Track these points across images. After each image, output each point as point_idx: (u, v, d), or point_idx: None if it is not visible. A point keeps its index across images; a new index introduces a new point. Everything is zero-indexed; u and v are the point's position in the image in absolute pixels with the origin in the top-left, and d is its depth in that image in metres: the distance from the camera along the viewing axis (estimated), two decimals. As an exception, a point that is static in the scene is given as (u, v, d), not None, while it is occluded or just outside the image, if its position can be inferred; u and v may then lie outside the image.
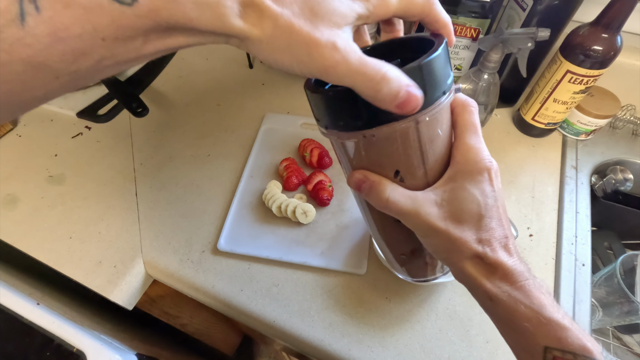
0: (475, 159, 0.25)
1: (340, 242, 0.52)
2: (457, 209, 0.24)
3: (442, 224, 0.24)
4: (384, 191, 0.25)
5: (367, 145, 0.24)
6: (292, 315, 0.47)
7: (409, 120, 0.22)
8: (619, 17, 0.48)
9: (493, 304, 0.24)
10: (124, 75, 0.75)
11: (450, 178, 0.25)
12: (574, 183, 0.60)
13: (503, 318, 0.25)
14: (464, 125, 0.26)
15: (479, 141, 0.26)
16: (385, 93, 0.19)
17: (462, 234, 0.24)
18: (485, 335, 0.45)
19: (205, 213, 0.56)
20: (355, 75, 0.19)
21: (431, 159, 0.25)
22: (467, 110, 0.26)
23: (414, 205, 0.25)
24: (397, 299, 0.48)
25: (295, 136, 0.64)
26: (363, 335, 0.45)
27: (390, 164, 0.25)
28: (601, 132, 0.67)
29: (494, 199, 0.25)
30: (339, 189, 0.58)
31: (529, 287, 0.24)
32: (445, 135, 0.25)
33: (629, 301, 0.51)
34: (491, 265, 0.24)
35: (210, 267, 0.51)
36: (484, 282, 0.24)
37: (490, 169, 0.25)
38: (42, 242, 0.54)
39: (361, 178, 0.25)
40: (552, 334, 0.22)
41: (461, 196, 0.24)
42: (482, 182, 0.25)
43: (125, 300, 0.51)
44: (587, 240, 0.54)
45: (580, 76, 0.53)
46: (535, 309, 0.23)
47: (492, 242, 0.24)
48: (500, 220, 0.25)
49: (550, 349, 0.22)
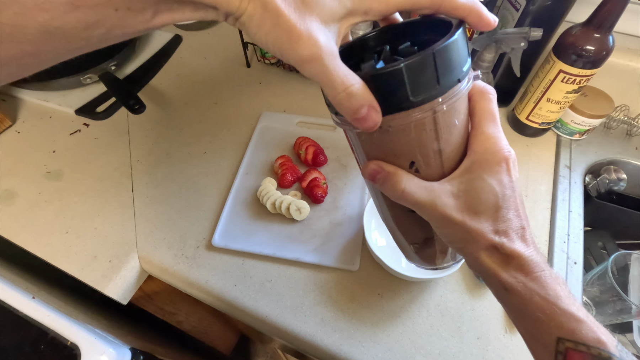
0: (494, 148, 0.24)
1: (333, 238, 0.53)
2: (474, 200, 0.24)
3: (459, 215, 0.24)
4: (400, 182, 0.24)
5: (382, 135, 0.23)
6: (284, 311, 0.47)
7: (427, 110, 0.22)
8: (611, 18, 0.49)
9: (508, 293, 0.24)
10: (123, 74, 0.76)
11: (467, 168, 0.25)
12: (567, 182, 0.60)
13: (517, 308, 0.24)
14: (482, 114, 0.25)
15: (498, 130, 0.25)
16: (346, 106, 0.20)
17: (479, 225, 0.24)
18: (476, 331, 0.45)
19: (200, 209, 0.57)
20: (324, 78, 0.20)
21: (447, 148, 0.24)
22: (485, 98, 0.25)
23: (430, 196, 0.24)
24: (389, 295, 0.48)
25: (291, 134, 0.65)
26: (354, 330, 0.46)
27: (405, 155, 0.24)
28: (595, 132, 0.67)
29: (512, 189, 0.24)
30: (333, 186, 0.58)
31: (545, 277, 0.23)
32: (462, 124, 0.25)
33: (621, 299, 0.51)
34: (507, 256, 0.24)
35: (205, 263, 0.51)
36: (499, 272, 0.24)
37: (508, 159, 0.24)
38: (39, 237, 0.54)
39: (376, 169, 0.25)
40: (566, 326, 0.22)
41: (478, 187, 0.24)
42: (500, 172, 0.24)
43: (119, 295, 0.51)
44: (580, 239, 0.54)
45: (573, 76, 0.54)
46: (551, 300, 0.23)
47: (509, 233, 0.24)
48: (517, 211, 0.25)
49: (563, 339, 0.22)
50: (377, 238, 0.52)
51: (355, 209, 0.55)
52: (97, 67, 0.71)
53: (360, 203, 0.56)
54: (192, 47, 0.84)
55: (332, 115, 0.25)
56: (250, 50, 0.81)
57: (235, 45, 0.80)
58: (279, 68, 0.79)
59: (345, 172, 0.60)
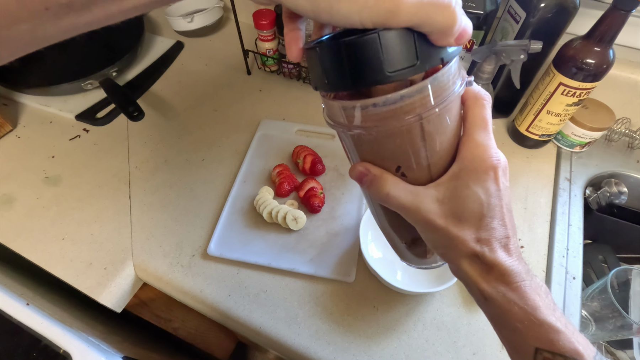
0: (482, 156, 0.24)
1: (329, 249, 0.52)
2: (459, 208, 0.24)
3: (442, 221, 0.24)
4: (384, 186, 0.24)
5: (371, 138, 0.23)
6: (278, 322, 0.47)
7: (414, 115, 0.21)
8: (611, 31, 0.48)
9: (487, 303, 0.24)
10: (124, 79, 0.76)
11: (454, 175, 0.24)
12: (567, 195, 0.59)
13: (497, 318, 0.25)
14: (474, 120, 0.25)
15: (488, 138, 0.25)
16: (458, 24, 0.19)
17: (461, 232, 0.24)
18: (472, 347, 0.45)
19: (197, 217, 0.57)
20: (428, 6, 0.18)
21: (436, 154, 0.24)
22: (479, 104, 0.25)
23: (415, 201, 0.24)
24: (385, 308, 0.48)
25: (289, 143, 0.65)
26: (349, 343, 0.45)
27: (393, 158, 0.24)
28: (596, 145, 0.67)
29: (498, 198, 0.24)
30: (330, 196, 0.58)
31: (525, 288, 0.23)
32: (453, 129, 0.24)
33: (622, 316, 0.50)
34: (488, 265, 0.24)
35: (200, 272, 0.51)
36: (479, 282, 0.24)
37: (497, 167, 0.24)
38: (35, 243, 0.54)
39: (363, 171, 0.25)
40: (544, 336, 0.22)
41: (464, 194, 0.24)
42: (487, 180, 0.24)
43: (114, 303, 0.51)
44: (579, 253, 0.53)
45: (573, 89, 0.54)
46: (529, 310, 0.23)
47: (491, 242, 0.24)
48: (503, 220, 0.25)
49: (541, 350, 0.22)
50: (373, 250, 0.51)
51: (353, 220, 0.55)
52: (99, 72, 0.71)
53: (358, 213, 0.56)
54: (194, 53, 0.85)
55: (326, 119, 0.25)
56: (251, 57, 0.81)
57: (236, 53, 0.80)
58: (280, 76, 0.79)
59: (343, 181, 0.60)
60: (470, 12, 0.56)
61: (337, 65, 0.21)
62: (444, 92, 0.22)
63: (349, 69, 0.21)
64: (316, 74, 0.23)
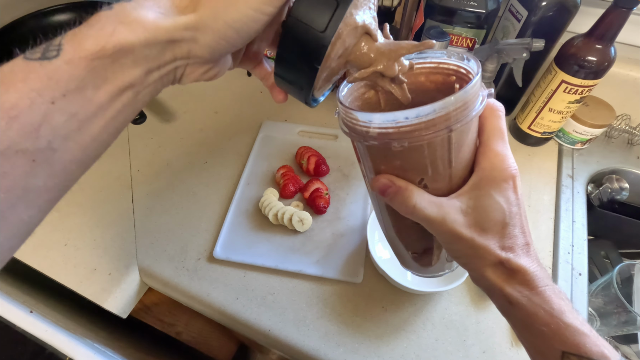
0: (502, 166, 0.24)
1: (336, 250, 0.52)
2: (482, 217, 0.24)
3: (467, 231, 0.24)
4: (411, 197, 0.24)
5: (394, 151, 0.23)
6: (287, 325, 0.46)
7: (442, 129, 0.22)
8: (613, 29, 0.49)
9: (512, 307, 0.24)
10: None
11: (475, 185, 0.25)
12: (570, 192, 0.60)
13: (522, 322, 0.25)
14: (492, 131, 0.25)
15: (506, 148, 0.25)
16: None
17: (486, 241, 0.24)
18: (482, 345, 0.45)
19: (201, 220, 0.56)
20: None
21: (458, 165, 0.25)
22: (495, 115, 0.26)
23: (440, 212, 0.24)
24: (393, 308, 0.48)
25: (292, 144, 0.64)
26: (359, 344, 0.45)
27: (416, 170, 0.24)
28: (597, 141, 0.67)
29: (518, 206, 0.25)
30: (335, 196, 0.58)
31: (549, 292, 0.24)
32: (473, 140, 0.25)
33: (626, 311, 0.51)
34: (512, 270, 0.24)
35: (206, 275, 0.51)
36: (504, 287, 0.24)
37: (515, 177, 0.25)
38: (37, 249, 0.53)
39: (387, 183, 0.25)
40: (571, 339, 0.23)
41: (486, 204, 0.24)
42: (507, 189, 0.24)
43: (119, 309, 0.51)
44: (584, 249, 0.54)
45: (575, 86, 0.54)
46: (555, 314, 0.23)
47: (515, 249, 0.24)
48: (523, 228, 0.25)
49: (568, 354, 0.22)
50: (380, 251, 0.51)
51: (358, 220, 0.55)
52: (97, 76, 0.70)
53: (363, 213, 0.56)
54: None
55: (343, 128, 0.25)
56: (251, 58, 0.80)
57: (235, 54, 0.79)
58: (280, 77, 0.78)
59: (347, 182, 0.60)
60: (471, 10, 0.56)
61: (292, 67, 0.23)
62: (473, 103, 0.22)
63: (300, 60, 0.22)
64: (293, 90, 0.25)
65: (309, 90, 0.25)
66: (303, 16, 0.21)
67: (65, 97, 0.18)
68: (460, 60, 0.26)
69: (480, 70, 0.23)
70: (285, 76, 0.25)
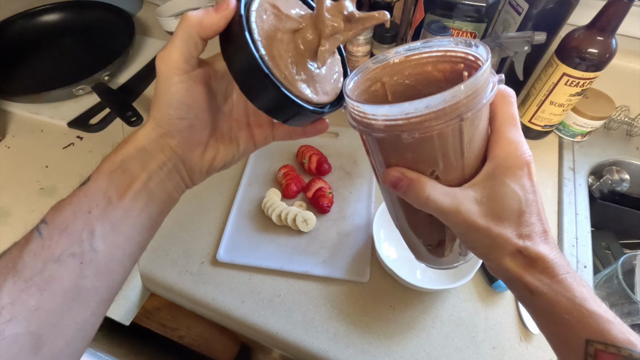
0: (516, 153, 0.24)
1: (342, 249, 0.51)
2: (498, 206, 0.24)
3: (483, 221, 0.24)
4: (424, 189, 0.24)
5: (405, 143, 0.23)
6: (295, 327, 0.46)
7: (453, 119, 0.21)
8: (614, 21, 0.49)
9: (533, 296, 0.24)
10: (116, 84, 0.74)
11: (489, 173, 0.24)
12: (572, 185, 0.60)
13: (543, 310, 0.24)
14: (504, 118, 0.25)
15: (519, 134, 0.25)
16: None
17: (503, 230, 0.24)
18: (491, 341, 0.45)
19: (203, 223, 0.55)
20: None
21: (470, 154, 0.24)
22: (507, 102, 0.25)
23: (454, 203, 0.24)
24: (402, 307, 0.47)
25: (292, 143, 0.64)
26: (368, 345, 0.45)
27: (427, 162, 0.24)
28: (596, 134, 0.67)
29: (534, 193, 0.24)
30: (339, 195, 0.57)
31: (570, 279, 0.23)
32: (484, 128, 0.24)
33: (629, 302, 0.51)
34: (531, 259, 0.24)
35: (210, 279, 0.50)
36: (524, 275, 0.24)
37: (530, 163, 0.24)
38: (35, 257, 0.52)
39: (398, 176, 0.24)
40: (595, 327, 0.22)
41: (502, 192, 0.24)
42: (522, 177, 0.24)
43: (122, 316, 0.49)
44: (588, 241, 0.54)
45: (577, 79, 0.54)
46: (577, 301, 0.22)
47: (532, 237, 0.24)
48: (539, 215, 0.24)
49: (592, 341, 0.22)
50: (387, 249, 0.51)
51: (363, 218, 0.54)
52: (90, 77, 0.68)
53: (367, 212, 0.55)
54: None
55: (351, 122, 0.25)
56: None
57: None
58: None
59: (350, 180, 0.59)
60: (471, 4, 0.56)
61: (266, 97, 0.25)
62: (484, 90, 0.22)
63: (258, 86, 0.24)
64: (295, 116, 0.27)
65: (297, 103, 0.25)
66: (233, 65, 0.25)
67: (98, 206, 0.24)
68: (468, 47, 0.24)
69: (489, 56, 0.22)
70: (277, 111, 0.26)
